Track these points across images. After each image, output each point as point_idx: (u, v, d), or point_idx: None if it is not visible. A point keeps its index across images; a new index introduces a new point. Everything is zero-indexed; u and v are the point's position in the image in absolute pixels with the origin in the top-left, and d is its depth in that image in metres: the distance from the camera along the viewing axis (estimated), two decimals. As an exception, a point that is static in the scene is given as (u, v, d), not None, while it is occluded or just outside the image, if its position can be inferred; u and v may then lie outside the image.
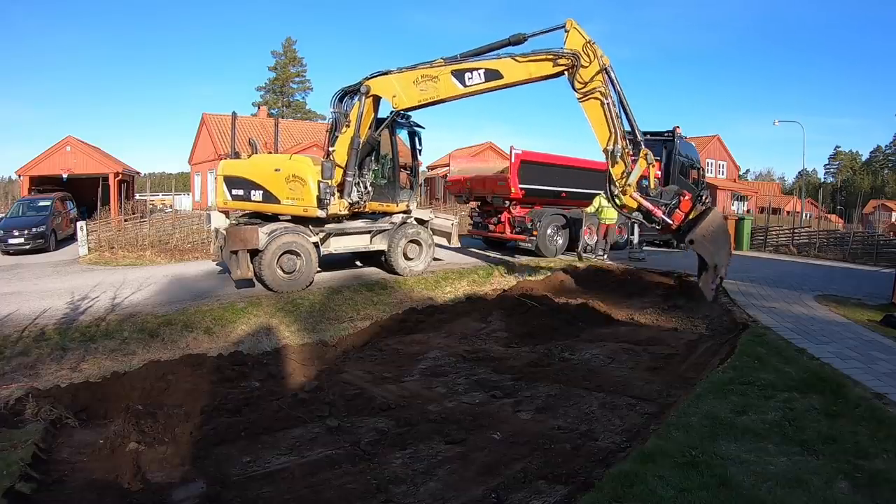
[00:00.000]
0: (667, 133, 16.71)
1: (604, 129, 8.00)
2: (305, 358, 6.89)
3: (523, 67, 8.23)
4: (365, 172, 9.84)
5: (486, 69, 8.41)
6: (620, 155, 7.92)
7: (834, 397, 4.47)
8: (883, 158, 76.57)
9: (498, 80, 8.39)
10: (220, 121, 29.64)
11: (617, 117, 7.89)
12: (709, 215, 7.57)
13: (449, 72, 8.63)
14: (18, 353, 6.45)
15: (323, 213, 9.42)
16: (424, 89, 8.89)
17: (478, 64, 8.48)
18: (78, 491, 3.72)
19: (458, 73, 8.58)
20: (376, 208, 10.49)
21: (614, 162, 7.99)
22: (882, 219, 38.77)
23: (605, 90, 7.83)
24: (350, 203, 9.69)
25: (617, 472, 3.40)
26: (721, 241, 7.63)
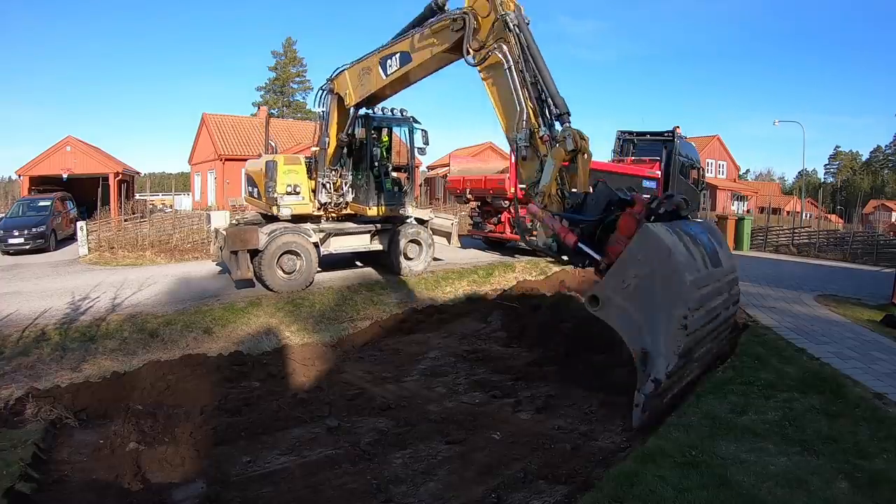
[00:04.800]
0: (667, 133, 16.72)
1: (504, 106, 5.86)
2: (305, 358, 6.89)
3: (426, 45, 6.88)
4: (345, 173, 9.81)
5: (400, 52, 7.40)
6: (529, 142, 5.60)
7: (834, 397, 4.47)
8: (883, 158, 76.56)
9: (409, 64, 7.30)
10: (220, 121, 29.65)
11: (524, 87, 5.62)
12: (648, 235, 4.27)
13: (377, 60, 7.89)
14: (18, 353, 6.46)
15: (278, 211, 9.49)
16: (364, 83, 8.39)
17: (395, 48, 7.50)
18: (78, 491, 3.72)
19: (383, 61, 7.74)
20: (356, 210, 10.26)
21: (521, 156, 5.70)
22: (882, 219, 38.80)
23: (504, 50, 5.73)
24: (321, 204, 9.71)
25: (617, 472, 3.40)
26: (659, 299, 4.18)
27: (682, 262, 4.12)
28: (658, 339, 4.16)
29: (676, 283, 4.09)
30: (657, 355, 4.16)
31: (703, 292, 4.27)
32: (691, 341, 4.17)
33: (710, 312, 4.43)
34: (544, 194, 5.34)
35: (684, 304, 4.05)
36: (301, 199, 9.68)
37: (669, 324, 4.09)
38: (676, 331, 4.06)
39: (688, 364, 4.45)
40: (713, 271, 4.53)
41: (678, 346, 4.08)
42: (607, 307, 4.41)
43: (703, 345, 4.60)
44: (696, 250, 4.43)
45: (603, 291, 4.43)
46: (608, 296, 4.40)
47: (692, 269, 4.19)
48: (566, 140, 5.22)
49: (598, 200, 5.06)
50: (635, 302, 4.26)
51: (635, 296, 4.26)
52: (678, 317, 4.04)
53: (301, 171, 9.76)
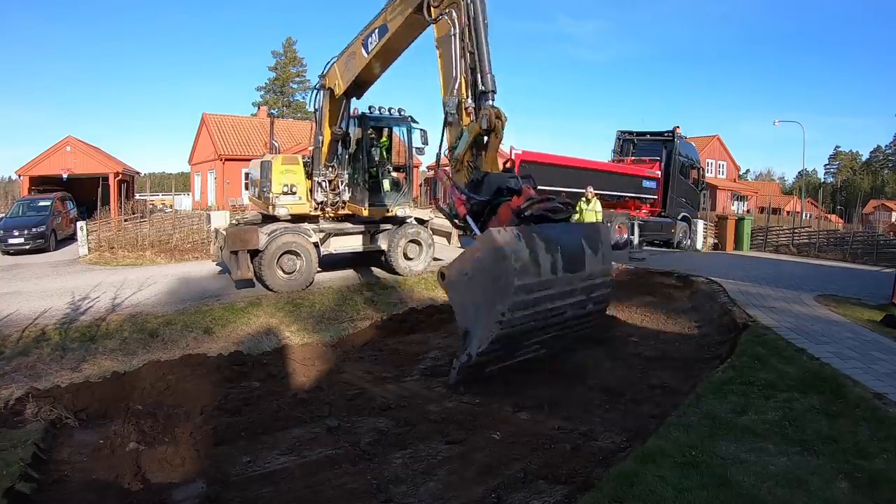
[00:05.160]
0: (667, 133, 16.74)
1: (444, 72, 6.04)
2: (305, 358, 6.89)
3: (399, 9, 7.02)
4: (341, 172, 9.81)
5: (378, 27, 7.60)
6: (455, 111, 5.79)
7: (834, 397, 4.47)
8: (883, 158, 76.55)
9: (387, 34, 7.42)
10: (220, 121, 29.65)
11: (463, 57, 5.74)
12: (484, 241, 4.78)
13: (360, 42, 8.09)
14: (18, 353, 6.46)
15: (274, 211, 9.51)
16: (349, 68, 8.49)
17: (374, 24, 7.69)
18: (78, 491, 3.72)
19: (365, 41, 7.91)
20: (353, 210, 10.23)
21: (447, 121, 5.94)
22: (882, 219, 38.81)
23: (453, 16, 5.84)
24: (317, 203, 9.72)
25: (617, 472, 3.39)
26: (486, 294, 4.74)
27: (514, 268, 4.56)
28: (478, 324, 4.88)
29: (503, 284, 4.62)
30: (474, 336, 4.92)
31: (536, 296, 4.78)
32: (509, 334, 4.80)
33: (547, 313, 4.98)
34: (458, 161, 5.72)
35: (505, 303, 4.61)
36: (298, 198, 9.69)
37: (490, 315, 4.72)
38: (493, 323, 4.68)
39: (509, 348, 5.11)
40: (562, 277, 4.95)
41: (491, 335, 4.73)
42: (450, 285, 5.12)
43: (537, 335, 5.21)
44: (546, 257, 4.79)
45: (449, 271, 5.15)
46: (452, 275, 5.10)
47: (525, 274, 4.63)
48: (482, 119, 5.46)
49: (491, 184, 5.46)
50: (468, 290, 4.96)
51: (470, 284, 4.93)
52: (497, 312, 4.64)
53: (299, 170, 9.77)
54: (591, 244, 5.24)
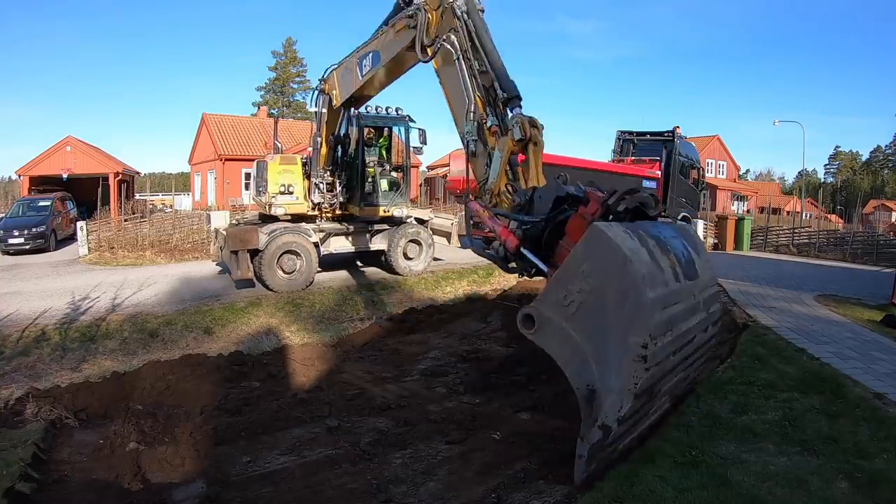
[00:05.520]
0: (667, 133, 16.74)
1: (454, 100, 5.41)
2: (305, 358, 6.89)
3: (392, 42, 6.61)
4: (339, 173, 9.84)
5: (373, 51, 7.21)
6: (477, 135, 5.08)
7: (834, 397, 4.47)
8: (883, 158, 76.55)
9: (379, 63, 7.10)
10: (220, 121, 29.65)
11: (473, 77, 5.14)
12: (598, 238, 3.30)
13: (356, 60, 7.73)
14: (18, 353, 6.46)
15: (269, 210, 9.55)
16: (345, 83, 8.38)
17: (369, 46, 7.31)
18: (78, 491, 3.72)
19: (360, 60, 7.60)
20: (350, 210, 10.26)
21: (471, 152, 5.21)
22: (882, 219, 38.80)
23: (452, 40, 5.30)
24: (314, 204, 9.74)
25: (617, 472, 3.39)
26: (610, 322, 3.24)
27: (642, 274, 3.20)
28: (609, 373, 3.21)
29: (633, 301, 3.16)
30: (607, 394, 3.21)
31: (671, 312, 3.41)
32: (653, 376, 3.28)
33: (680, 337, 3.56)
34: (492, 192, 4.76)
35: (644, 330, 3.12)
36: (295, 198, 9.71)
37: (624, 354, 3.16)
38: (632, 363, 3.13)
39: (650, 402, 3.58)
40: (686, 285, 3.65)
41: (635, 384, 3.15)
42: (544, 330, 3.45)
43: (671, 378, 3.72)
44: (665, 259, 3.54)
45: (540, 310, 3.47)
46: (547, 315, 3.44)
47: (656, 283, 3.31)
48: (514, 129, 4.56)
49: (545, 198, 4.29)
50: (580, 324, 3.32)
51: (580, 316, 3.31)
52: (635, 345, 3.12)
53: (297, 171, 9.77)
54: (693, 245, 4.09)
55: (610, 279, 3.22)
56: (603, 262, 3.24)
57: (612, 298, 3.21)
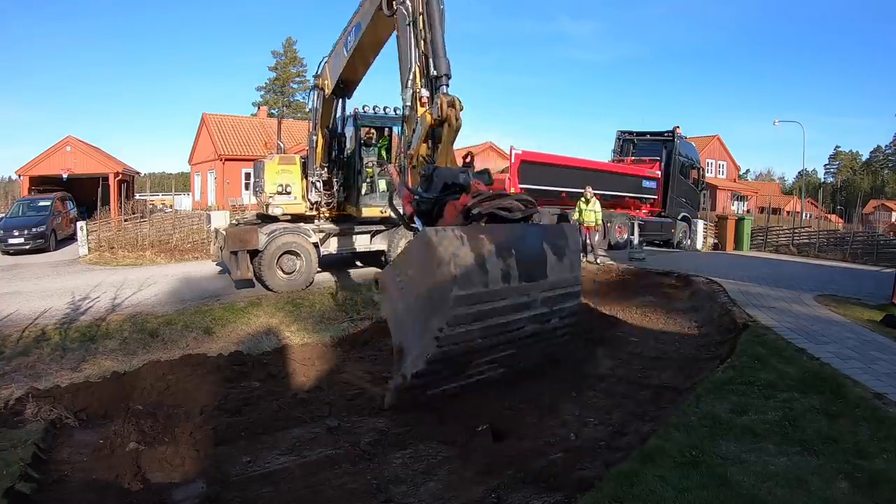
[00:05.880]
0: (667, 133, 16.76)
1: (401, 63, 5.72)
2: (305, 358, 6.88)
3: (368, 7, 6.85)
4: (337, 172, 9.83)
5: (354, 24, 7.52)
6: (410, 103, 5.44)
7: (834, 397, 4.47)
8: (883, 158, 76.54)
9: (360, 32, 7.33)
10: (220, 121, 29.65)
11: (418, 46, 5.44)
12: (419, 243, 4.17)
13: (343, 41, 8.00)
14: (18, 353, 6.46)
15: (268, 210, 9.53)
16: (334, 67, 8.51)
17: (351, 21, 7.59)
18: (78, 491, 3.72)
19: (346, 39, 7.83)
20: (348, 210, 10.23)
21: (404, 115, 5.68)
22: (882, 219, 38.83)
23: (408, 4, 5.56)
24: (312, 203, 9.73)
25: (617, 472, 3.39)
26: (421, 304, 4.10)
27: (454, 275, 3.81)
28: (412, 341, 4.10)
29: (440, 295, 3.85)
30: (408, 355, 4.14)
31: (483, 308, 4.05)
32: (449, 352, 4.06)
33: (499, 327, 4.25)
34: (412, 157, 5.23)
35: (443, 318, 3.84)
36: (293, 198, 9.70)
37: (424, 332, 3.96)
38: (430, 340, 3.92)
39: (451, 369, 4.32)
40: (520, 286, 4.21)
41: (427, 354, 3.98)
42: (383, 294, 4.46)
43: (489, 353, 4.45)
44: (499, 263, 4.07)
45: (383, 279, 4.48)
46: (385, 284, 4.47)
47: (469, 283, 3.90)
48: (434, 107, 5.03)
49: (439, 179, 4.80)
50: (402, 299, 4.23)
51: (404, 293, 4.21)
52: (434, 328, 3.87)
53: (295, 170, 9.76)
54: (556, 248, 4.55)
55: (427, 274, 3.97)
56: (425, 259, 3.97)
57: (426, 288, 4.01)
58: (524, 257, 4.26)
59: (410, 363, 4.13)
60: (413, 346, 4.12)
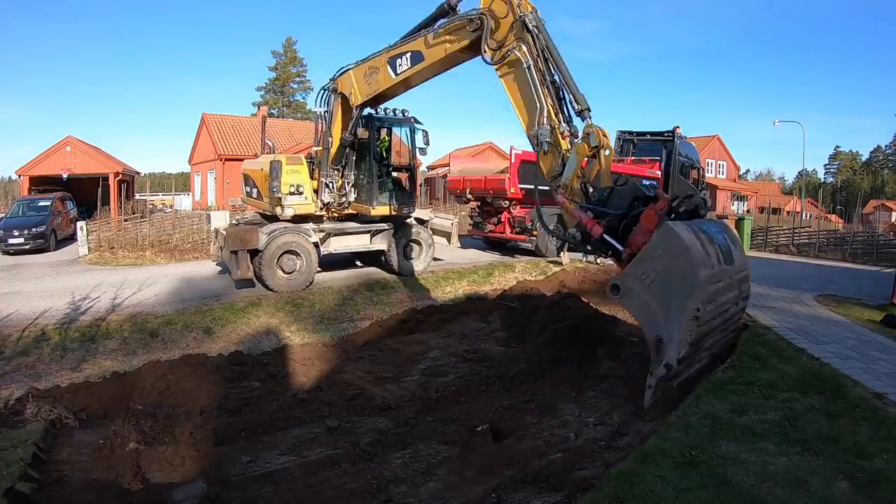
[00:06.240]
0: (667, 133, 16.72)
1: (525, 104, 6.07)
2: (305, 358, 6.89)
3: (440, 43, 7.06)
4: (347, 173, 9.84)
5: (411, 52, 7.59)
6: (550, 138, 5.84)
7: (834, 397, 4.47)
8: (883, 158, 76.53)
9: (421, 63, 7.50)
10: (220, 121, 29.64)
11: (543, 85, 5.90)
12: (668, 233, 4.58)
13: (386, 60, 8.06)
14: (18, 353, 6.46)
15: (281, 211, 9.49)
16: (371, 82, 8.51)
17: (405, 47, 7.69)
18: (78, 491, 3.72)
19: (392, 61, 7.94)
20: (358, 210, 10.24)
21: (543, 150, 5.94)
22: (882, 219, 38.81)
23: (523, 49, 5.95)
24: (323, 204, 9.72)
25: (617, 472, 3.39)
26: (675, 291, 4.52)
27: (698, 258, 4.44)
28: (672, 328, 4.45)
29: (692, 278, 4.41)
30: (670, 343, 4.44)
31: (716, 288, 4.61)
32: (702, 332, 4.54)
33: (720, 306, 4.77)
34: (567, 187, 5.60)
35: (698, 298, 4.38)
36: (304, 199, 9.70)
37: (683, 315, 4.39)
38: (689, 321, 4.37)
39: (697, 352, 4.76)
40: (726, 268, 4.82)
41: (690, 335, 4.40)
42: (628, 296, 4.73)
43: (712, 336, 4.95)
44: (712, 248, 4.72)
45: (625, 281, 4.74)
46: (629, 285, 4.72)
47: (707, 265, 4.52)
48: (590, 136, 5.54)
49: (623, 195, 5.35)
50: (653, 293, 4.57)
51: (654, 287, 4.56)
52: (691, 308, 4.36)
53: (303, 170, 9.76)
54: (731, 238, 5.33)
55: (676, 262, 4.45)
56: (671, 249, 4.48)
57: (677, 275, 4.44)
58: (720, 244, 4.91)
59: (675, 349, 4.43)
60: (674, 332, 4.45)
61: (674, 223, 4.66)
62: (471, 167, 16.11)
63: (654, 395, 4.54)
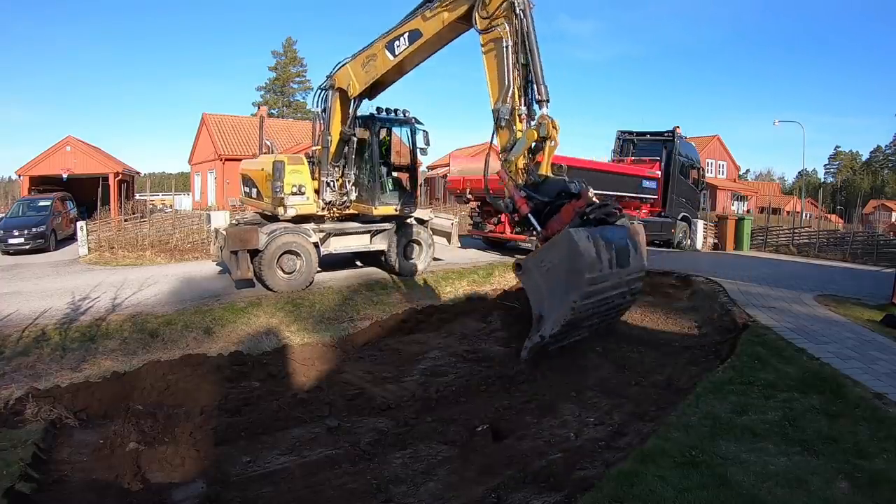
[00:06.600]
0: (667, 133, 16.72)
1: (497, 80, 6.50)
2: (305, 358, 6.89)
3: (437, 16, 7.41)
4: (347, 171, 9.84)
5: (409, 32, 7.91)
6: (509, 117, 6.34)
7: (834, 397, 4.47)
8: (883, 158, 76.52)
9: (420, 40, 7.80)
10: (220, 121, 29.65)
11: (515, 67, 6.29)
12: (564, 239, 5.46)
13: (383, 45, 8.31)
14: (18, 353, 6.45)
15: (283, 212, 9.47)
16: (368, 70, 8.72)
17: (402, 28, 8.02)
18: (78, 491, 3.72)
19: (390, 44, 8.21)
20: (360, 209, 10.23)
21: (499, 126, 6.48)
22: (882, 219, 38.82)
23: (506, 29, 6.33)
24: (325, 203, 9.70)
25: (617, 472, 3.39)
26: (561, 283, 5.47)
27: (586, 263, 5.35)
28: (552, 310, 5.60)
29: (576, 277, 5.38)
30: (547, 321, 5.63)
31: (598, 287, 5.58)
32: (578, 318, 5.64)
33: (601, 301, 5.79)
34: (512, 164, 6.29)
35: (576, 293, 5.41)
36: (306, 199, 9.70)
37: (563, 303, 5.47)
38: (567, 310, 5.45)
39: (573, 330, 5.90)
40: (617, 271, 5.75)
41: (564, 319, 5.50)
42: (527, 275, 5.85)
43: (591, 320, 6.04)
44: (606, 254, 5.58)
45: (527, 263, 5.87)
46: (529, 267, 5.83)
47: (593, 269, 5.43)
48: (541, 126, 6.05)
49: (552, 186, 6.09)
50: (546, 279, 5.64)
51: (548, 275, 5.62)
52: (570, 300, 5.42)
53: (305, 170, 9.75)
54: (634, 244, 6.10)
55: (569, 261, 5.41)
56: (568, 250, 5.41)
57: (567, 271, 5.45)
58: (618, 251, 5.73)
59: (549, 326, 5.60)
60: (551, 314, 5.59)
61: (576, 230, 5.44)
62: (471, 167, 16.09)
63: (529, 354, 5.83)
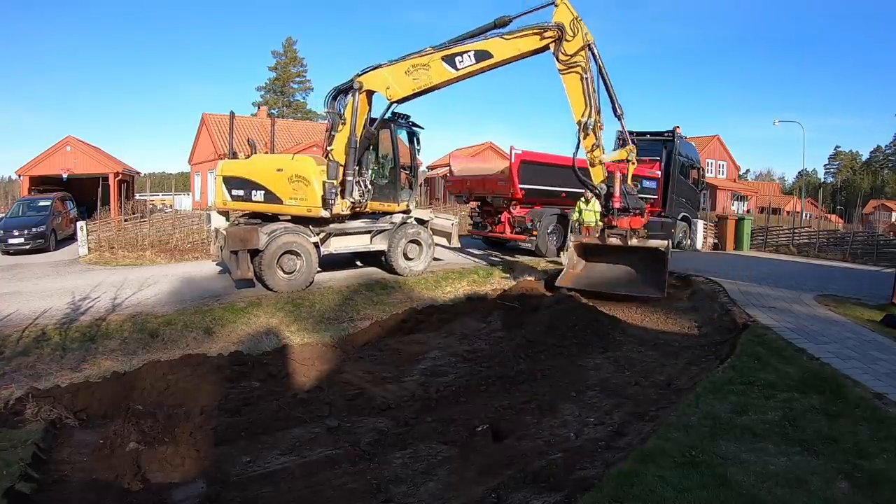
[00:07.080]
0: (667, 133, 16.71)
1: (580, 101, 8.71)
2: (305, 358, 6.89)
3: (511, 44, 8.75)
4: (364, 171, 9.87)
5: (475, 51, 8.87)
6: (593, 128, 8.74)
7: (834, 397, 4.47)
8: (883, 158, 76.52)
9: (488, 60, 8.89)
10: (220, 121, 29.62)
11: (594, 92, 8.66)
12: None
13: (440, 58, 9.04)
14: (18, 353, 6.46)
15: (327, 213, 9.45)
16: (417, 78, 9.17)
17: (467, 47, 8.92)
18: (78, 491, 3.72)
19: (449, 59, 9.00)
20: (377, 208, 10.46)
21: (586, 134, 8.83)
22: (882, 219, 38.83)
23: (585, 65, 8.52)
24: (352, 202, 9.71)
25: (617, 472, 3.39)
26: None
27: None
28: None
29: None
30: None
31: None
32: None
33: None
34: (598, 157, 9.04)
35: None
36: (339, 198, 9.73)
37: None
38: None
39: None
40: None
41: None
42: None
43: None
44: None
45: None
46: None
47: None
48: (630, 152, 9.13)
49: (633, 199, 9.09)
50: None
51: None
52: None
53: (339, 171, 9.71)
54: None
55: None
56: None
57: None
58: None
59: None
60: None
61: None
62: (471, 167, 16.10)
63: None
